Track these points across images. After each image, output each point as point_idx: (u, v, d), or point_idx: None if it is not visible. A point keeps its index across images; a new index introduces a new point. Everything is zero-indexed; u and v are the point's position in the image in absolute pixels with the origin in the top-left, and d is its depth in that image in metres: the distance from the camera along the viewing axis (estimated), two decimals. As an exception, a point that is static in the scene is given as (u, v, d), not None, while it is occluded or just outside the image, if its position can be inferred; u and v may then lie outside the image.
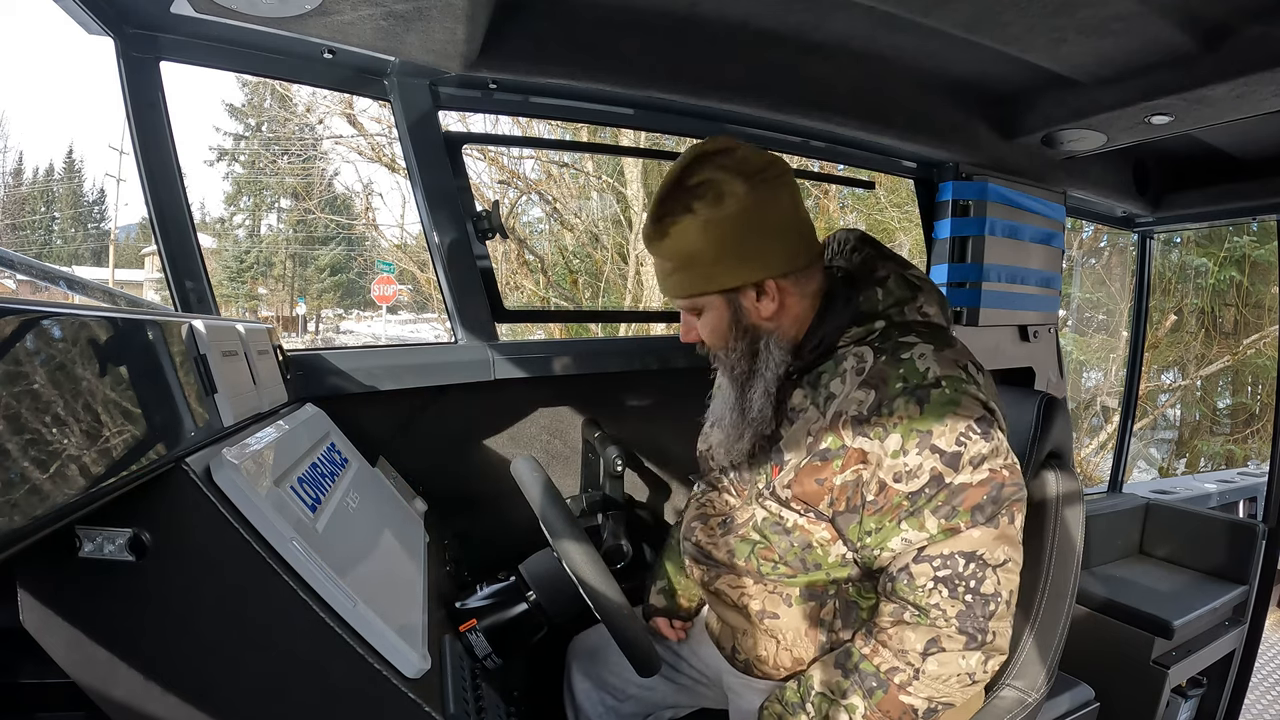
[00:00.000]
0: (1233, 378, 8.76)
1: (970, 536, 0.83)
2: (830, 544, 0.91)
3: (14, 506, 0.40)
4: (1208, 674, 2.10)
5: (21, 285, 0.81)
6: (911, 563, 0.85)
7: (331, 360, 1.32)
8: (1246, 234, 7.61)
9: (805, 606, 0.96)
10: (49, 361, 0.45)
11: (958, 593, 0.83)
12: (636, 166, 7.39)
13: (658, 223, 0.91)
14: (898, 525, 0.85)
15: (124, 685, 0.58)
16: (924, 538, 0.84)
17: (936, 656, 0.84)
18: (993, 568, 0.84)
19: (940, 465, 0.83)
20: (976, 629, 0.84)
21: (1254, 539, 2.15)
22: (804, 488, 0.90)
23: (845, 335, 0.93)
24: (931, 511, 0.83)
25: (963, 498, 0.83)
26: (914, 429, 0.83)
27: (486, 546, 1.36)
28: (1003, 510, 0.84)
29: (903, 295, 0.95)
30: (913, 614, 0.85)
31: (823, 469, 0.88)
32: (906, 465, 0.83)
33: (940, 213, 1.93)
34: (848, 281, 0.98)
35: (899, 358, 0.88)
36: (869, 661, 0.87)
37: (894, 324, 0.93)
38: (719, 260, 0.90)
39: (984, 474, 0.83)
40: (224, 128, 21.73)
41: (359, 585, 0.68)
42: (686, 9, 1.27)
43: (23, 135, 39.62)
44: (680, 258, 0.91)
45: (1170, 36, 1.19)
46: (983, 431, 0.83)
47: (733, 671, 1.08)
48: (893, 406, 0.85)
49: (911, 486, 0.83)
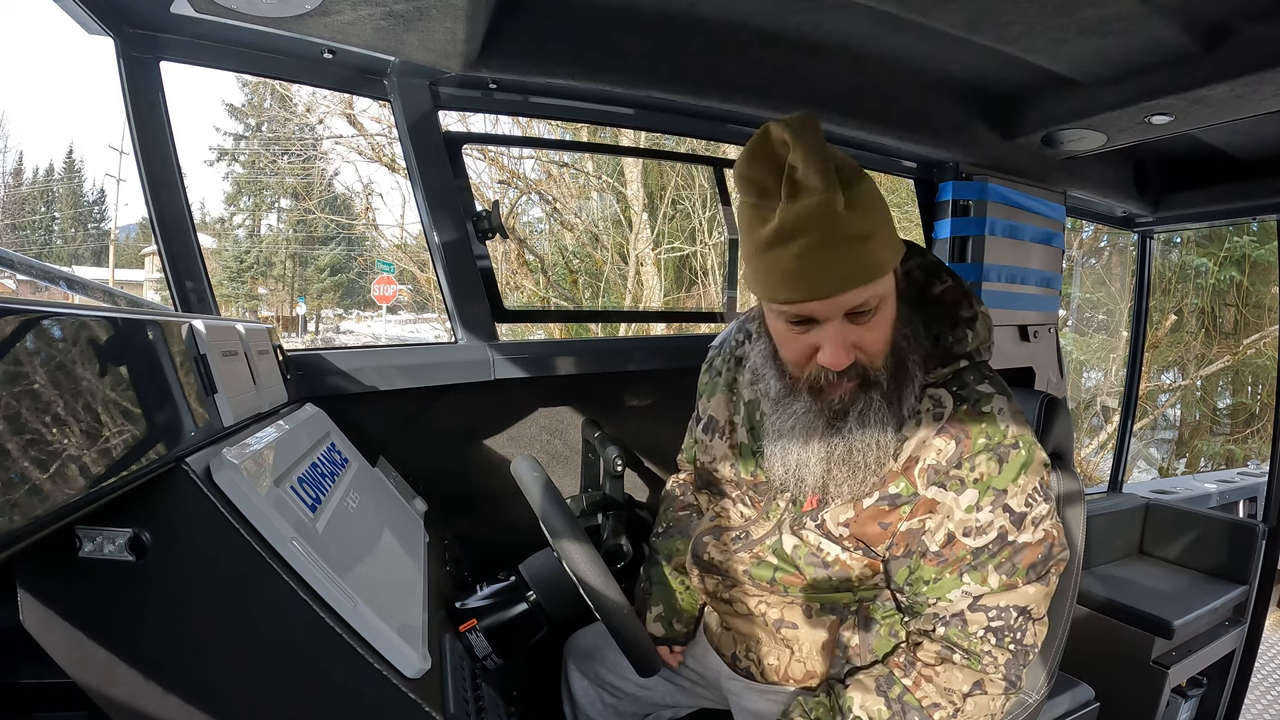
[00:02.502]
0: (1233, 378, 8.77)
1: (1025, 592, 0.85)
2: (870, 576, 0.91)
3: (14, 506, 0.40)
4: (1208, 674, 2.10)
5: (21, 285, 0.81)
6: (967, 610, 0.85)
7: (331, 360, 1.32)
8: (1246, 234, 7.62)
9: (826, 620, 0.95)
10: (49, 361, 0.45)
11: (1004, 642, 0.85)
12: (636, 166, 7.40)
13: (849, 187, 0.72)
14: (959, 578, 0.85)
15: (124, 685, 0.58)
16: (985, 591, 0.85)
17: (976, 699, 0.86)
18: (1034, 621, 0.86)
19: (1008, 524, 0.83)
20: (1016, 676, 0.86)
21: (1254, 539, 2.16)
22: (865, 529, 0.88)
23: (929, 374, 0.87)
24: (995, 568, 0.84)
25: (1022, 556, 0.84)
26: (991, 487, 0.83)
27: (486, 546, 1.36)
28: (1050, 568, 0.86)
29: (985, 337, 0.91)
30: (962, 656, 0.86)
31: (890, 514, 0.87)
32: (978, 521, 0.83)
33: (940, 213, 1.93)
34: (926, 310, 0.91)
35: (980, 411, 0.84)
36: (911, 695, 0.87)
37: (973, 365, 0.89)
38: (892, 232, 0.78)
39: (1040, 534, 0.85)
40: (224, 128, 21.78)
41: (359, 585, 0.68)
42: (686, 9, 1.27)
43: (23, 135, 39.67)
44: (878, 223, 0.75)
45: (1170, 36, 1.19)
46: (1045, 493, 0.85)
47: (733, 676, 1.08)
48: (974, 463, 0.83)
49: (979, 542, 0.83)
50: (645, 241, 7.59)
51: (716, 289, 7.71)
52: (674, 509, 1.20)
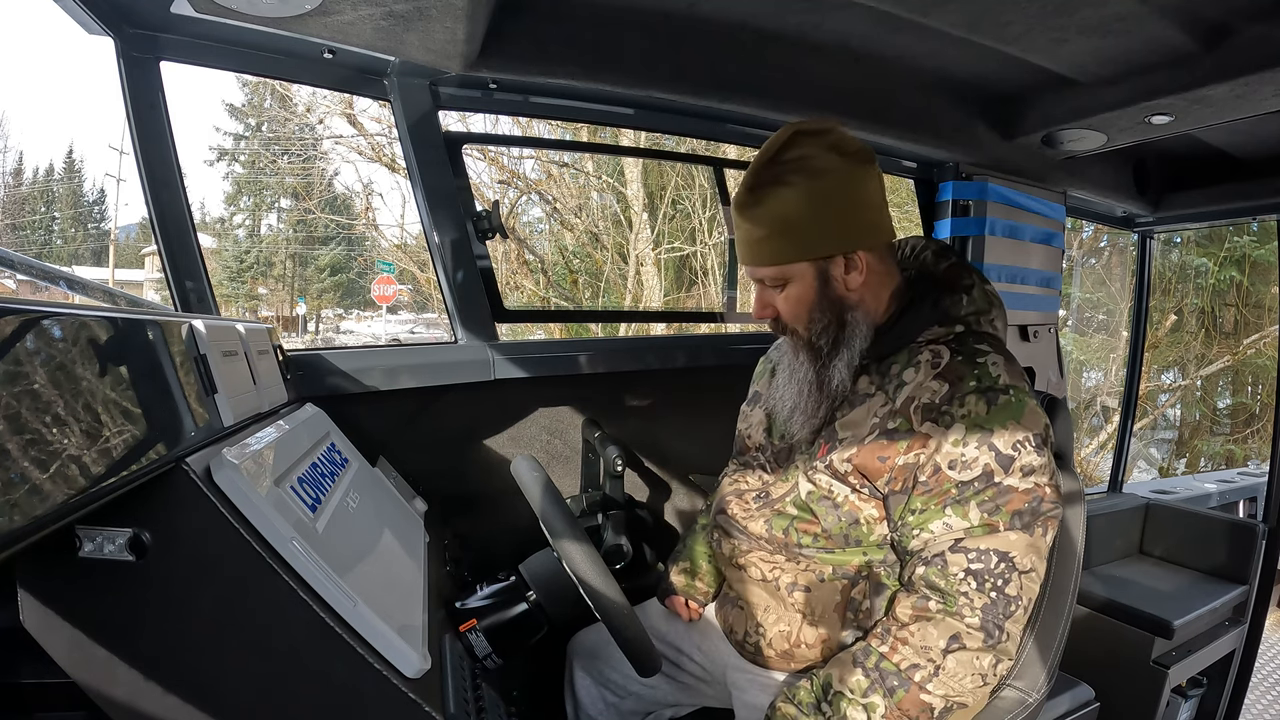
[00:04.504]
0: (1233, 378, 8.77)
1: (1007, 538, 0.87)
2: (876, 522, 0.95)
3: (14, 506, 0.40)
4: (1208, 674, 2.10)
5: (21, 285, 0.81)
6: (948, 551, 0.88)
7: (331, 360, 1.32)
8: (1246, 234, 7.62)
9: (838, 583, 0.98)
10: (49, 361, 0.45)
11: (984, 587, 0.86)
12: (636, 166, 7.40)
13: (753, 190, 0.94)
14: (943, 510, 0.88)
15: (124, 685, 0.58)
16: (964, 526, 0.87)
17: (956, 654, 0.86)
18: (1019, 572, 0.87)
19: (994, 463, 0.87)
20: (995, 625, 0.86)
21: (1254, 539, 2.15)
22: (864, 462, 0.94)
23: (926, 332, 0.97)
24: (977, 504, 0.87)
25: (1007, 499, 0.86)
26: (978, 425, 0.88)
27: (486, 546, 1.36)
28: (1039, 522, 0.88)
29: (983, 306, 1.01)
30: (938, 603, 0.87)
31: (888, 448, 0.92)
32: (964, 456, 0.88)
33: (940, 213, 1.93)
34: (933, 283, 1.02)
35: (975, 360, 0.92)
36: (889, 660, 0.88)
37: (971, 331, 0.98)
38: (815, 227, 0.93)
39: (1030, 484, 0.87)
40: (224, 128, 21.76)
41: (359, 585, 0.68)
42: (686, 9, 1.27)
43: (23, 135, 39.68)
44: (775, 224, 0.94)
45: (1170, 36, 1.19)
46: (1036, 446, 0.88)
47: (739, 666, 1.08)
48: (964, 401, 0.89)
49: (964, 476, 0.87)
50: (645, 241, 7.59)
51: (716, 289, 7.72)
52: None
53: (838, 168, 0.91)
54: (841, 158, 0.92)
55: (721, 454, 1.24)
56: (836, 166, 0.91)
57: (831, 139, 0.92)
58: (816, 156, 0.91)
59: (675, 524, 1.73)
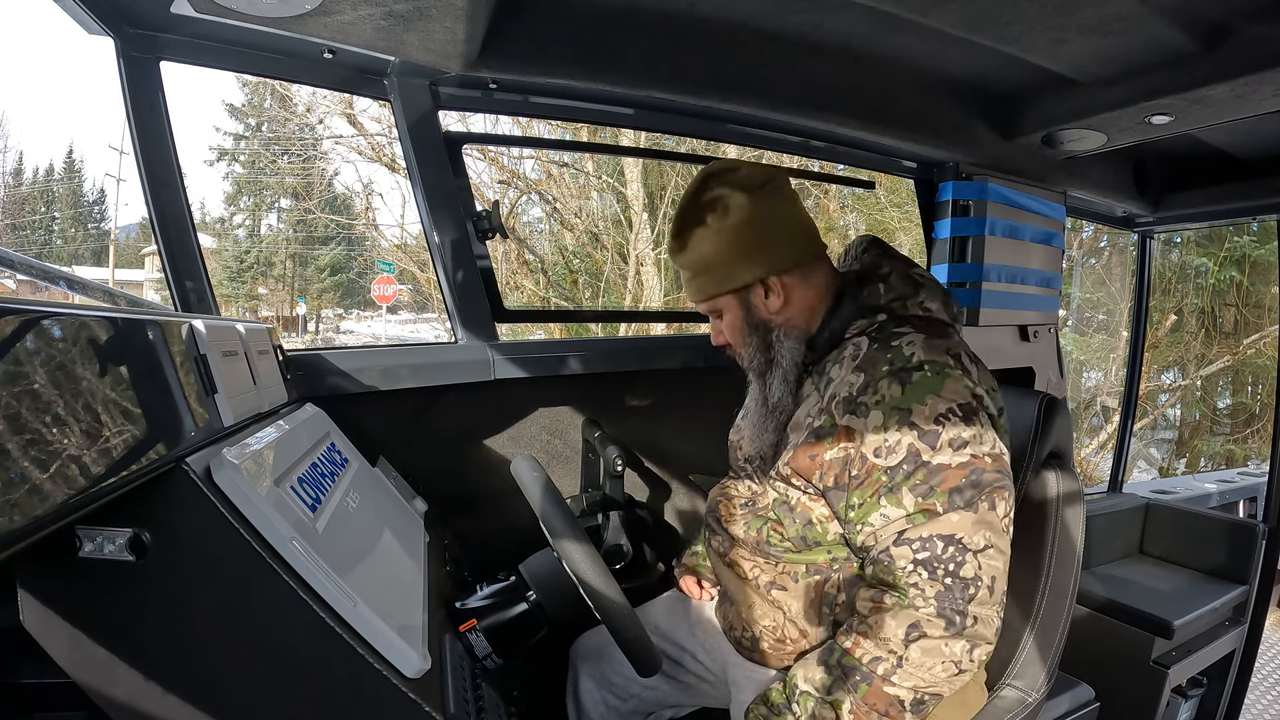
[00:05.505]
0: (1233, 378, 8.76)
1: (949, 520, 0.85)
2: (828, 521, 0.96)
3: (14, 506, 0.40)
4: (1208, 674, 2.10)
5: (21, 285, 0.81)
6: (892, 545, 0.87)
7: (331, 360, 1.32)
8: (1246, 234, 7.61)
9: (811, 581, 1.00)
10: (49, 361, 0.45)
11: (936, 575, 0.85)
12: (636, 166, 7.38)
13: (677, 237, 1.02)
14: (877, 501, 0.88)
15: (124, 685, 0.58)
16: (901, 515, 0.86)
17: (919, 643, 0.85)
18: (972, 552, 0.85)
19: (918, 442, 0.86)
20: (955, 611, 0.84)
21: (1254, 539, 2.15)
22: (799, 463, 0.96)
23: (851, 327, 1.00)
24: (910, 489, 0.86)
25: (941, 478, 0.85)
26: (895, 407, 0.88)
27: (486, 546, 1.36)
28: (982, 496, 0.86)
29: (904, 291, 1.02)
30: (892, 596, 0.87)
31: (816, 445, 0.95)
32: (886, 441, 0.88)
33: (940, 213, 1.93)
34: (858, 280, 1.05)
35: (889, 345, 0.94)
36: (851, 656, 0.88)
37: (894, 317, 0.99)
38: (728, 263, 1.00)
39: (964, 457, 0.86)
40: (224, 127, 21.77)
41: (359, 585, 0.68)
42: (686, 9, 1.27)
43: (23, 135, 39.66)
44: (697, 265, 1.02)
45: (1170, 36, 1.19)
46: (964, 416, 0.86)
47: (738, 663, 1.09)
48: (878, 387, 0.90)
49: (890, 461, 0.87)
50: (645, 241, 7.58)
51: (716, 289, 7.68)
52: None
53: (743, 204, 0.97)
54: (747, 194, 0.97)
55: (721, 454, 1.24)
56: (742, 203, 0.97)
57: (739, 176, 0.99)
58: (726, 195, 0.98)
59: (675, 524, 1.73)
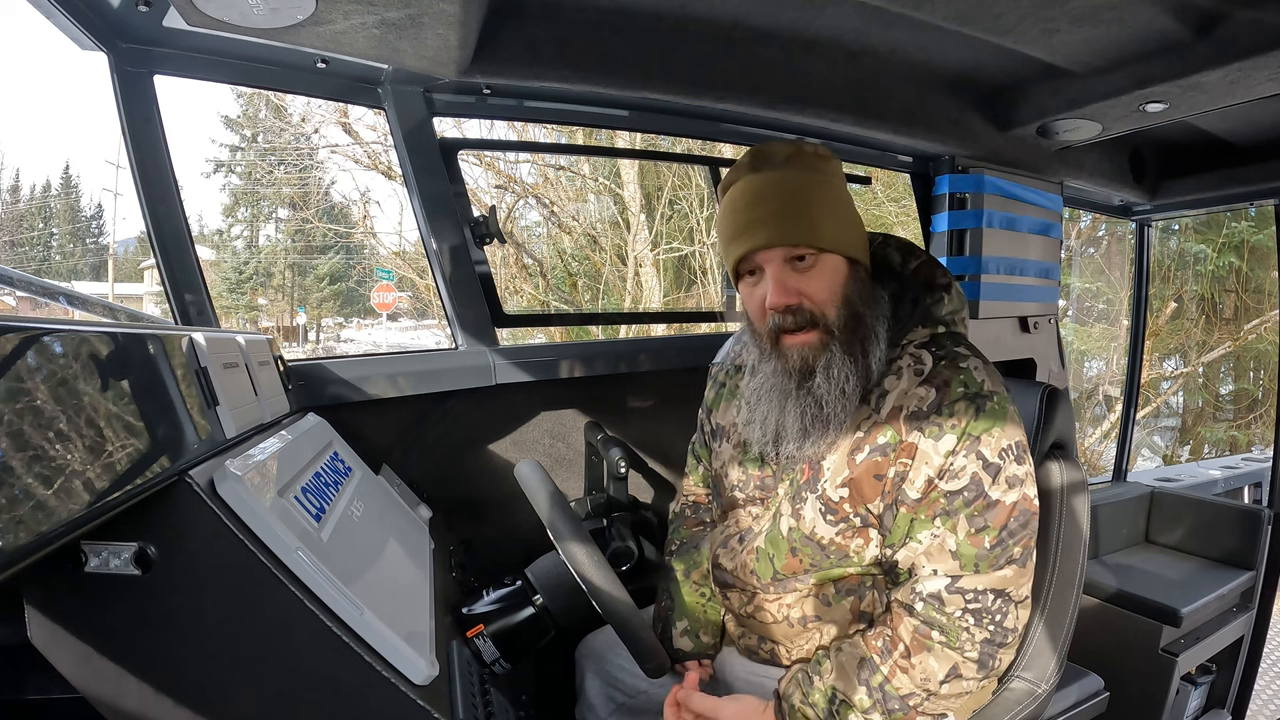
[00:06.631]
0: (1234, 363, 8.76)
1: (1005, 576, 0.86)
2: (864, 548, 0.92)
3: (19, 523, 0.40)
4: (1217, 660, 2.10)
5: (21, 302, 0.81)
6: (945, 591, 0.86)
7: (333, 369, 1.32)
8: (1245, 219, 7.61)
9: (847, 601, 0.96)
10: (51, 378, 0.46)
11: (983, 623, 0.86)
12: (633, 168, 7.39)
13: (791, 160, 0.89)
14: (931, 520, 0.87)
15: (132, 699, 0.58)
16: (952, 543, 0.86)
17: (951, 684, 0.87)
18: (1015, 604, 0.87)
19: (982, 472, 0.85)
20: (990, 656, 0.87)
21: (1260, 524, 2.15)
22: (862, 486, 0.90)
23: (908, 335, 0.94)
24: (966, 518, 0.85)
25: (995, 514, 0.85)
26: (968, 433, 0.85)
27: (492, 551, 1.36)
28: (1025, 537, 0.87)
29: (958, 305, 0.99)
30: (939, 635, 0.87)
31: (883, 463, 0.89)
32: (953, 466, 0.85)
33: (937, 206, 1.93)
34: (905, 285, 0.99)
35: (958, 365, 0.89)
36: (890, 684, 0.88)
37: (949, 332, 0.96)
38: (844, 222, 0.91)
39: (1016, 496, 0.86)
40: (220, 139, 21.80)
41: (365, 593, 0.68)
42: (678, 9, 1.27)
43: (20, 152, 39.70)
44: (815, 198, 0.88)
45: (1162, 24, 1.19)
46: (1018, 455, 0.87)
47: (754, 672, 1.08)
48: (954, 409, 0.86)
49: (952, 486, 0.86)
50: (643, 242, 7.59)
51: (716, 288, 7.71)
52: (686, 526, 1.21)
53: (843, 180, 0.94)
54: (845, 182, 0.94)
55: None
56: (843, 178, 0.94)
57: (837, 164, 0.94)
58: (831, 162, 0.93)
59: (680, 524, 1.73)
